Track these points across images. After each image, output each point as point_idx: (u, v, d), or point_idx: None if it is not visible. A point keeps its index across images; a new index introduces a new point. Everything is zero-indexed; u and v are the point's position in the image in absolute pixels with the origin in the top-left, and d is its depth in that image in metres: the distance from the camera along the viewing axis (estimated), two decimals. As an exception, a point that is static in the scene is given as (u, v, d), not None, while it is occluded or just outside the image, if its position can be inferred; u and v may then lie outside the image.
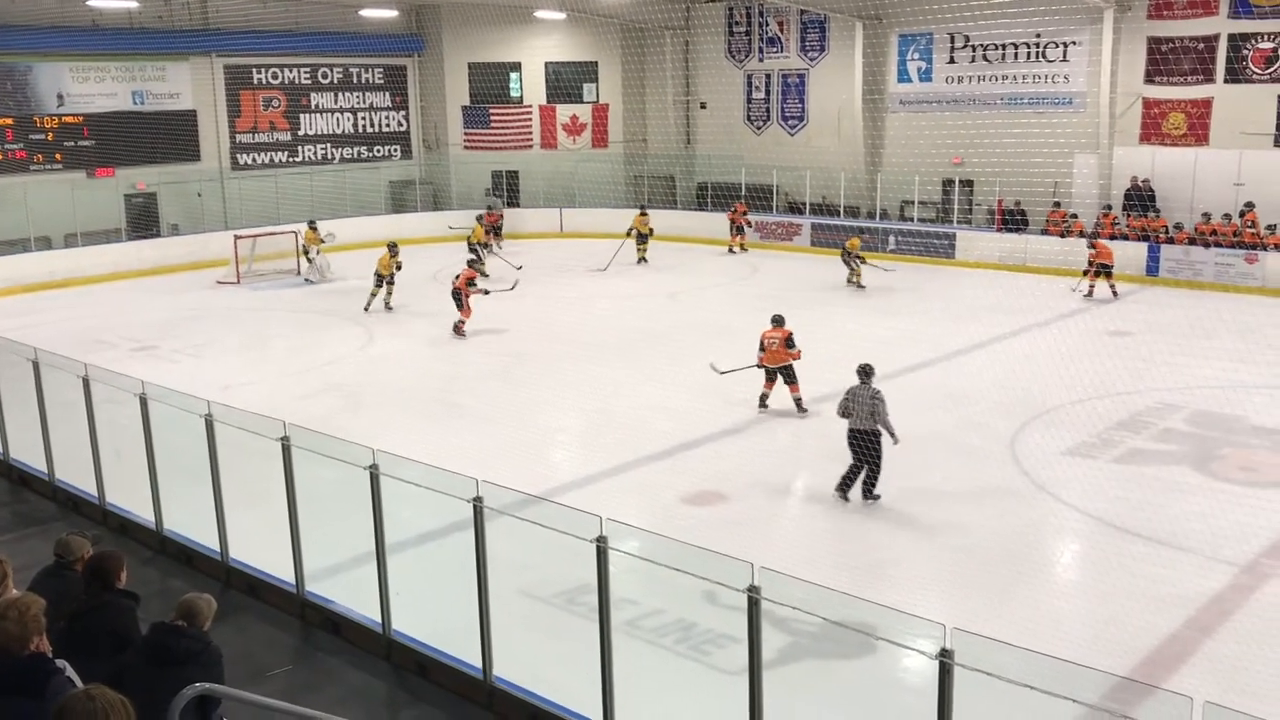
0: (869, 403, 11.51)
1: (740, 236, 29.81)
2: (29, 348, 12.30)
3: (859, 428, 11.59)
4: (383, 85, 34.35)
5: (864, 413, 11.51)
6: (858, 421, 11.59)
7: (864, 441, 11.57)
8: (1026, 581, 10.04)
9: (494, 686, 7.83)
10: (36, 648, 4.30)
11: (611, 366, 17.45)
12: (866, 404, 11.51)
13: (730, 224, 29.85)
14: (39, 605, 4.41)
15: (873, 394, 11.55)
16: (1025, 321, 20.02)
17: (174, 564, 10.41)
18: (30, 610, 4.32)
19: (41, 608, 4.42)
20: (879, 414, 11.48)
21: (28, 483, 12.60)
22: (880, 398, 11.54)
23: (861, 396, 11.58)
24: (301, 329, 21.17)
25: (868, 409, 11.49)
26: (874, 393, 11.56)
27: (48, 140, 27.79)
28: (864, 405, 11.52)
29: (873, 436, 11.53)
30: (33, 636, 4.29)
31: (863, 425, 11.55)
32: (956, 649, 5.36)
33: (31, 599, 4.45)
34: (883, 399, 11.55)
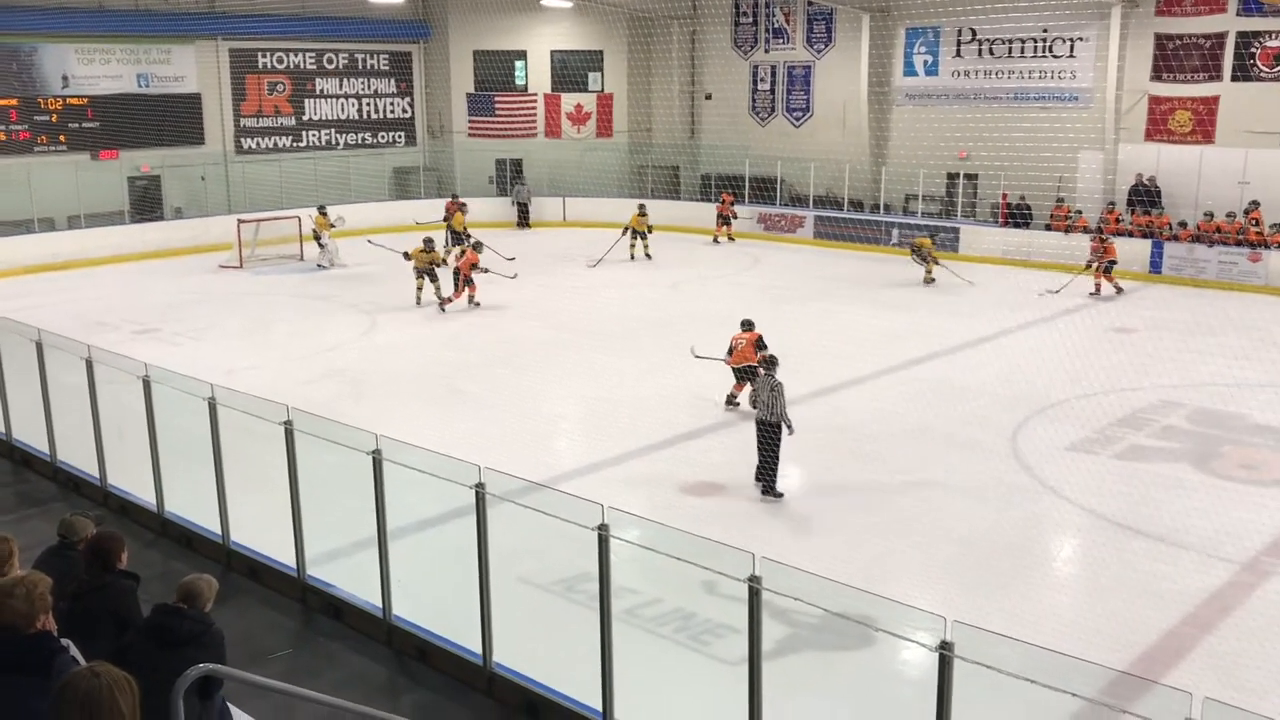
0: (768, 395, 11.59)
1: (727, 227, 29.84)
2: (32, 329, 12.31)
3: (761, 419, 11.67)
4: (388, 71, 34.30)
5: (764, 404, 11.62)
6: (761, 413, 11.69)
7: (763, 433, 11.62)
8: (1026, 576, 10.05)
9: (494, 673, 7.85)
10: (43, 626, 4.31)
11: (614, 356, 17.45)
12: (766, 395, 11.62)
13: (717, 214, 29.94)
14: (46, 584, 4.42)
15: (772, 385, 11.63)
16: (1028, 317, 20.03)
17: (175, 546, 10.43)
18: (38, 588, 4.34)
19: (49, 586, 4.44)
20: (777, 407, 11.53)
21: (30, 463, 12.62)
22: (779, 390, 11.61)
23: (763, 387, 11.71)
24: (304, 314, 21.17)
25: (767, 400, 11.59)
26: (774, 384, 11.64)
27: (52, 122, 27.77)
28: (764, 396, 11.64)
29: (773, 429, 11.57)
30: (39, 614, 4.30)
31: (764, 416, 11.63)
32: (956, 642, 5.37)
33: (39, 577, 4.46)
34: (781, 391, 11.62)
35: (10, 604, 4.24)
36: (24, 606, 4.25)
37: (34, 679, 4.10)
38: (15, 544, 5.22)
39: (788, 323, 19.41)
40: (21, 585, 4.32)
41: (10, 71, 27.08)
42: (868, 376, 16.25)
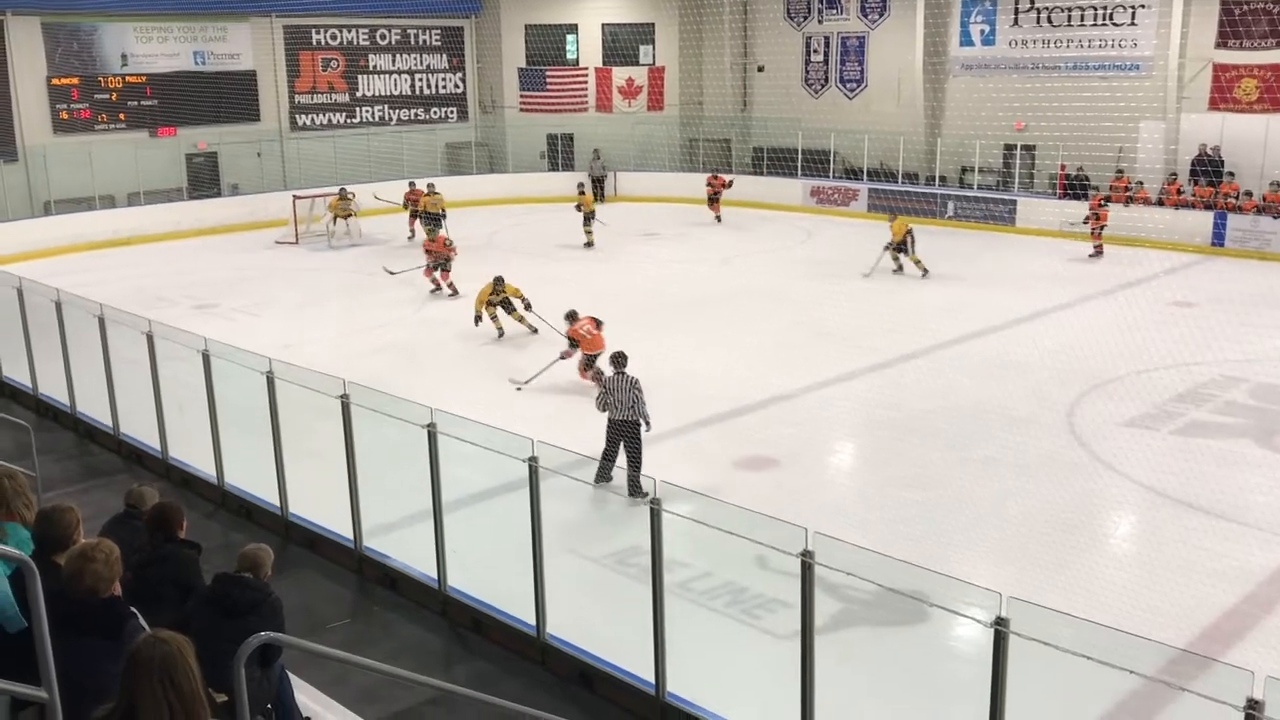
0: (629, 393, 10.91)
1: (715, 206, 28.66)
2: (95, 304, 12.55)
3: (619, 419, 10.90)
4: (440, 47, 34.38)
5: (625, 403, 10.88)
6: (618, 413, 10.91)
7: (625, 432, 10.89)
8: (1082, 553, 9.94)
9: (547, 643, 7.93)
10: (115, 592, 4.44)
11: (664, 331, 17.43)
12: (627, 394, 10.90)
13: (708, 193, 28.84)
14: (117, 551, 4.55)
15: (632, 383, 11.00)
16: (1086, 290, 19.73)
17: (234, 518, 10.63)
18: (114, 553, 4.49)
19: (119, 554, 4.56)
20: (639, 405, 10.90)
21: (94, 436, 12.90)
22: (639, 387, 11.00)
23: (621, 387, 10.98)
24: (359, 289, 21.37)
25: (629, 400, 10.88)
26: (633, 382, 11.02)
27: (112, 100, 28.19)
28: (624, 396, 10.91)
29: (633, 427, 10.89)
30: (115, 580, 4.44)
31: (624, 416, 10.87)
32: (1012, 618, 5.33)
33: (111, 544, 4.59)
34: (641, 388, 11.01)
35: (92, 568, 4.38)
36: (105, 570, 4.41)
37: (107, 642, 4.22)
38: (79, 514, 5.35)
39: (841, 298, 19.30)
40: (100, 549, 4.46)
41: (71, 51, 27.51)
42: (921, 351, 16.11)
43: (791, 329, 17.30)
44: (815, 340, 16.51)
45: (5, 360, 14.63)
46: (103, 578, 4.42)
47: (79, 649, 4.27)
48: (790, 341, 16.57)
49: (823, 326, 17.29)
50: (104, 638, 4.28)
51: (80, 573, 4.39)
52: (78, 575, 4.39)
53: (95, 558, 4.44)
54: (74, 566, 4.42)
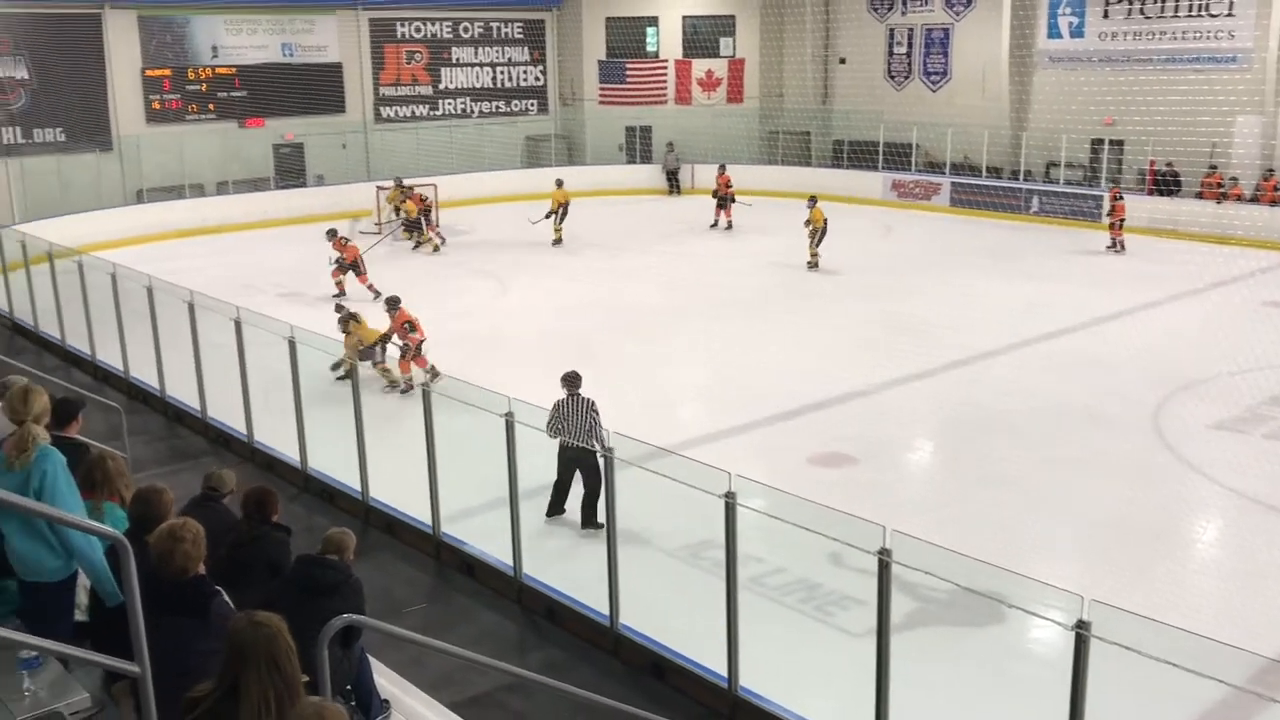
0: (585, 417, 9.72)
1: (726, 211, 26.45)
2: (185, 290, 12.88)
3: (573, 445, 9.64)
4: (521, 39, 34.62)
5: (581, 428, 9.66)
6: (571, 438, 9.63)
7: (581, 460, 9.74)
8: (1168, 557, 9.72)
9: (620, 634, 7.97)
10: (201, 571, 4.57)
11: (740, 324, 17.40)
12: (583, 418, 9.72)
13: (716, 197, 26.75)
14: (203, 530, 4.67)
15: (589, 406, 9.80)
16: (1175, 289, 19.23)
17: (317, 501, 10.85)
18: (201, 533, 4.61)
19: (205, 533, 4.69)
20: (597, 431, 9.62)
21: (182, 419, 13.25)
22: (596, 409, 9.80)
23: (575, 411, 9.77)
24: (438, 279, 21.63)
25: (585, 425, 9.68)
26: (589, 404, 9.82)
27: (202, 91, 28.89)
28: (580, 420, 9.71)
29: (590, 454, 9.57)
30: (201, 559, 4.59)
31: (579, 442, 9.57)
32: (1094, 621, 5.23)
33: (198, 524, 4.71)
34: (598, 410, 9.81)
35: (182, 548, 4.48)
36: (193, 550, 4.52)
37: (194, 621, 4.34)
38: (172, 495, 5.50)
39: (921, 293, 19.07)
40: (188, 529, 4.58)
41: (164, 43, 28.26)
42: (1003, 349, 15.85)
43: (869, 324, 17.13)
44: (894, 336, 16.34)
45: (99, 344, 15.08)
46: (191, 557, 4.52)
47: (168, 627, 4.38)
48: (868, 337, 16.42)
49: (903, 322, 17.10)
50: (191, 616, 4.40)
51: (171, 552, 4.50)
52: (168, 555, 4.50)
53: (184, 537, 4.54)
54: (164, 546, 4.52)
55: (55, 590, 5.01)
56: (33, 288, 16.93)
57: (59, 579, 4.98)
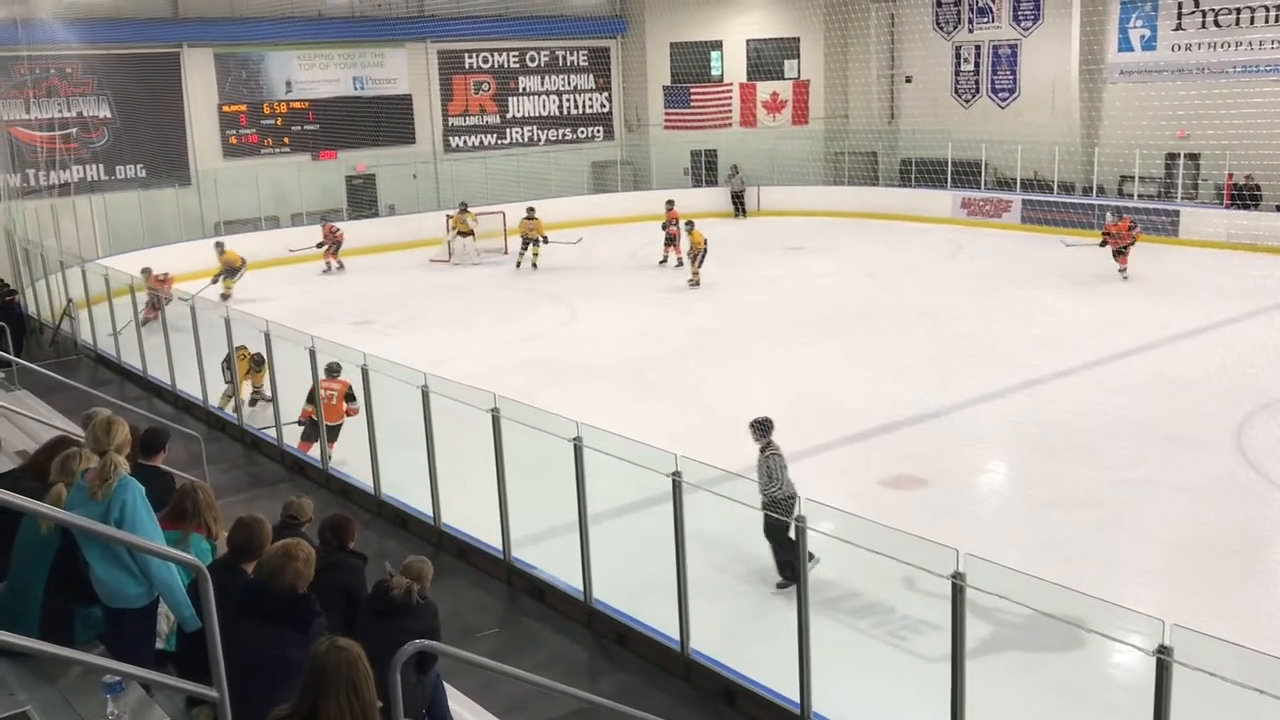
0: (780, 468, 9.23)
1: (674, 247, 24.29)
2: (261, 320, 13.17)
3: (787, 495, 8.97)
4: (587, 67, 34.96)
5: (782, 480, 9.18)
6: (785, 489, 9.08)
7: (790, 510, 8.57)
8: (1253, 581, 9.46)
9: (691, 659, 7.95)
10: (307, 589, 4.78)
11: (808, 346, 17.32)
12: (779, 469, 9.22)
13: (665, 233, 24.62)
14: (314, 552, 4.89)
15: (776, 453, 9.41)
16: (1255, 305, 18.73)
17: (390, 527, 10.99)
18: (312, 555, 4.92)
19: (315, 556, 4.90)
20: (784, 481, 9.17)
21: (259, 446, 13.52)
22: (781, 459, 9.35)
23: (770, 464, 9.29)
24: (507, 305, 21.85)
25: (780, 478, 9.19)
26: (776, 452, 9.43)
27: (276, 125, 29.61)
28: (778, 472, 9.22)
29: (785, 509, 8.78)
30: (309, 578, 4.86)
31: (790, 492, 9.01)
32: (1176, 646, 5.12)
33: (309, 546, 4.93)
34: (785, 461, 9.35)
35: (294, 565, 4.79)
36: (305, 569, 4.82)
37: (298, 634, 4.53)
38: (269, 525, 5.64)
39: (992, 312, 18.83)
40: (301, 549, 4.88)
41: (240, 80, 29.03)
42: (1077, 368, 15.57)
43: (940, 344, 16.95)
44: (965, 356, 16.14)
45: (180, 374, 15.46)
46: (301, 575, 4.82)
47: (271, 635, 4.62)
48: (939, 357, 16.24)
49: (973, 341, 16.89)
50: (295, 629, 4.59)
51: (283, 569, 4.78)
52: (280, 571, 4.78)
53: (297, 556, 4.83)
54: (277, 563, 4.81)
55: (137, 616, 5.15)
56: (115, 319, 17.43)
57: (140, 605, 5.13)
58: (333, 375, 12.49)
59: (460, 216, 26.46)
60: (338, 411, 12.40)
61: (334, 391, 12.43)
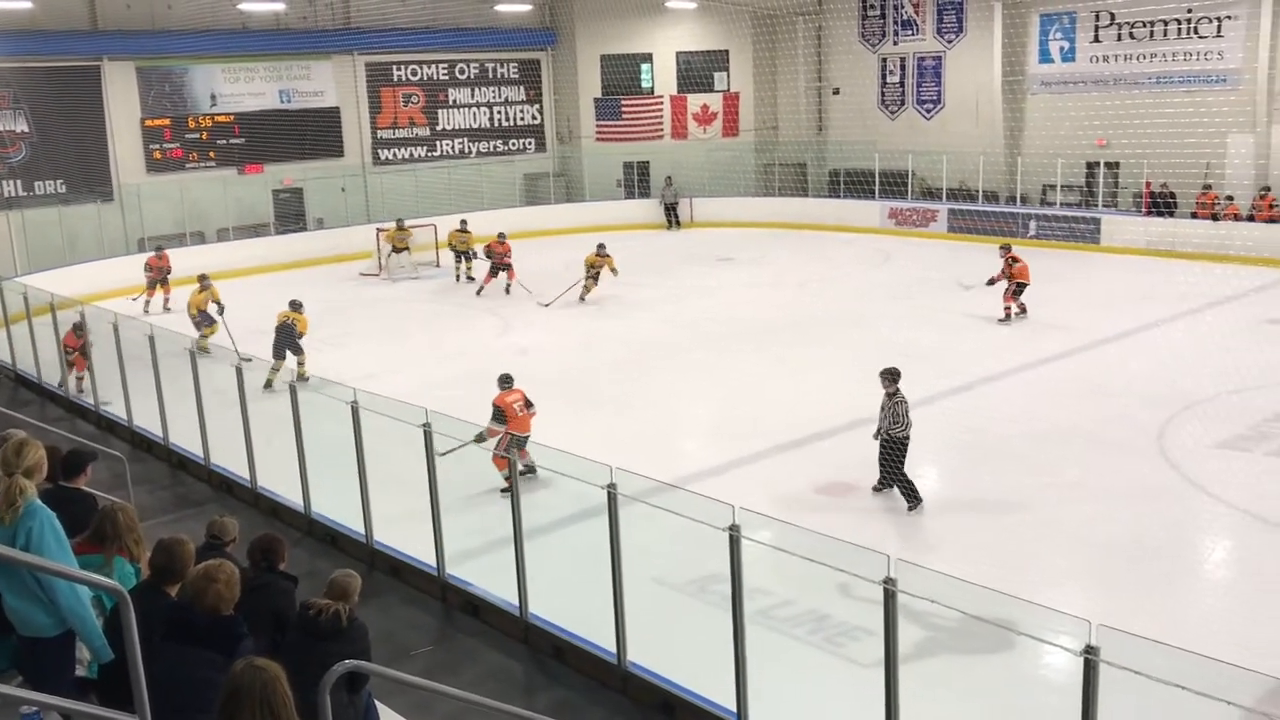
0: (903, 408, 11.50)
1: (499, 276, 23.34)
2: (187, 338, 12.93)
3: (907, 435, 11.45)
4: (517, 79, 34.90)
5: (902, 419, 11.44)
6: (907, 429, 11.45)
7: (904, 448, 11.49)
8: (1175, 580, 9.68)
9: (628, 672, 7.93)
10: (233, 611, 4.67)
11: (741, 357, 17.42)
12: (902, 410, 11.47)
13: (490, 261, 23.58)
14: (238, 573, 4.77)
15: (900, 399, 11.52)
16: (1174, 309, 19.23)
17: (321, 545, 10.82)
18: (235, 576, 4.81)
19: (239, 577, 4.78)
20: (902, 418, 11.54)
21: (186, 466, 13.25)
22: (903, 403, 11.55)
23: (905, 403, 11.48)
24: (440, 319, 21.69)
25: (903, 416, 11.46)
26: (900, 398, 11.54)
27: (201, 139, 29.12)
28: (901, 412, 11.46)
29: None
30: (233, 600, 4.75)
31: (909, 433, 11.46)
32: (1102, 646, 5.21)
33: (233, 567, 4.82)
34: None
35: (214, 588, 4.67)
36: (226, 591, 4.70)
37: (222, 657, 4.45)
38: (193, 546, 5.52)
39: (921, 320, 19.08)
40: (223, 570, 4.76)
41: (164, 93, 28.51)
42: (1005, 374, 15.86)
43: (870, 352, 17.08)
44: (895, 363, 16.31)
45: (102, 394, 15.11)
46: (223, 597, 4.70)
47: (196, 659, 4.52)
48: (869, 365, 16.32)
49: (903, 349, 17.08)
50: (220, 652, 4.49)
51: (204, 592, 4.67)
52: (201, 594, 4.68)
53: (217, 578, 4.71)
54: (198, 586, 4.70)
55: (51, 645, 5.02)
56: (35, 339, 16.98)
57: (53, 634, 4.99)
58: (508, 386, 12.44)
59: (397, 232, 26.25)
60: (525, 421, 12.16)
61: (519, 401, 12.32)
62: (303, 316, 17.70)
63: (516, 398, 12.33)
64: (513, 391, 12.40)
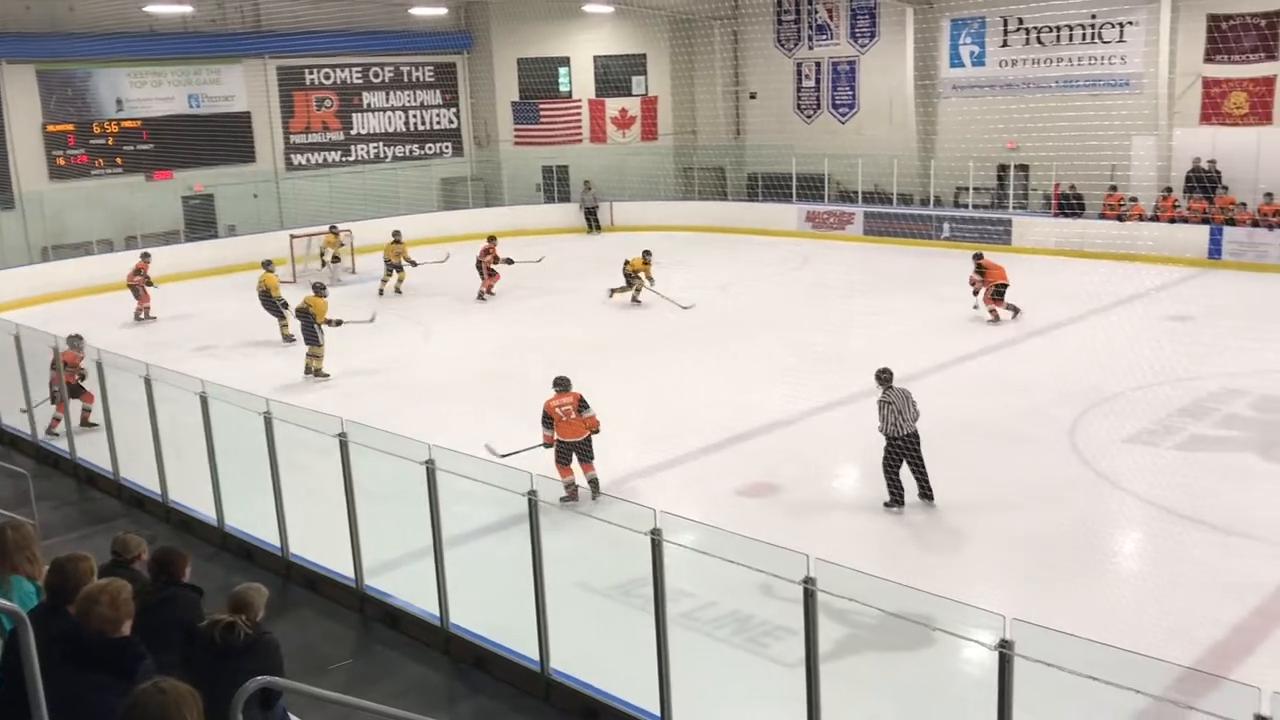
0: (913, 404, 11.31)
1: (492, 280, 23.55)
2: (93, 349, 12.56)
3: (906, 434, 11.26)
4: (433, 83, 34.59)
5: (909, 417, 11.25)
6: (908, 427, 11.25)
7: (909, 447, 11.30)
8: (1088, 572, 9.89)
9: (551, 679, 7.87)
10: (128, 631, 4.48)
11: (663, 358, 17.45)
12: (911, 406, 11.28)
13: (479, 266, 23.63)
14: (129, 590, 4.59)
15: (906, 395, 11.36)
16: (1084, 308, 19.70)
17: (235, 560, 10.58)
18: (122, 594, 4.56)
19: (131, 592, 4.59)
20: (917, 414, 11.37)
21: (94, 481, 12.87)
22: (912, 396, 11.43)
23: (904, 400, 11.30)
24: (357, 326, 21.35)
25: (914, 411, 11.29)
26: (906, 393, 11.39)
27: (108, 145, 28.34)
28: (911, 408, 11.28)
29: (915, 439, 11.33)
30: (125, 620, 4.52)
31: (909, 430, 11.26)
32: (1017, 640, 5.29)
33: (122, 584, 4.64)
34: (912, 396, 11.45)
35: (96, 610, 4.47)
36: (110, 612, 4.49)
37: (120, 681, 4.26)
38: (93, 562, 5.34)
39: (839, 321, 19.27)
40: (105, 592, 4.55)
41: (66, 97, 27.67)
42: (921, 373, 16.04)
43: (791, 353, 17.29)
44: (815, 365, 16.48)
45: (4, 408, 14.61)
46: (108, 619, 4.49)
47: (93, 684, 4.33)
48: (790, 366, 16.54)
49: (823, 351, 17.27)
50: (117, 676, 4.31)
51: (88, 614, 4.49)
52: (85, 617, 4.50)
53: (100, 600, 4.52)
54: (83, 609, 4.52)
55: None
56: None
57: None
58: (563, 390, 11.83)
59: (333, 238, 25.88)
60: (577, 427, 11.66)
61: (569, 406, 11.71)
62: (321, 300, 17.57)
63: (566, 402, 11.76)
64: (565, 395, 11.82)
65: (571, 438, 11.71)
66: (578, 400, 11.79)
